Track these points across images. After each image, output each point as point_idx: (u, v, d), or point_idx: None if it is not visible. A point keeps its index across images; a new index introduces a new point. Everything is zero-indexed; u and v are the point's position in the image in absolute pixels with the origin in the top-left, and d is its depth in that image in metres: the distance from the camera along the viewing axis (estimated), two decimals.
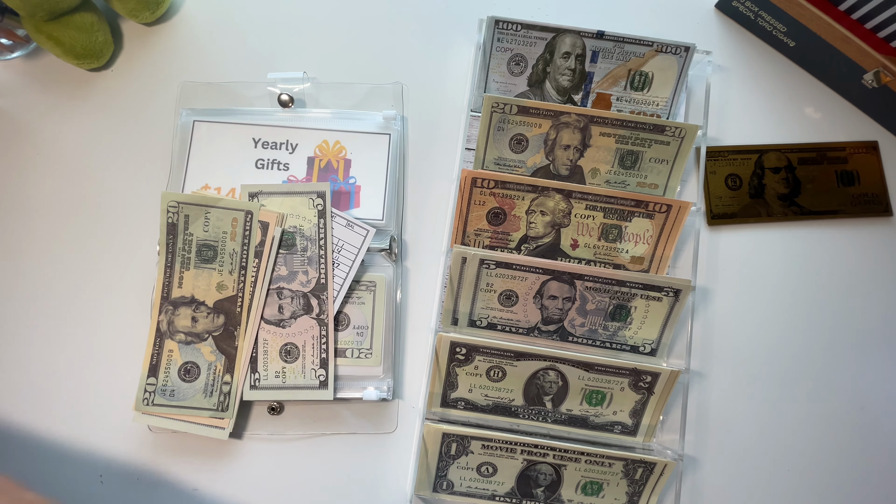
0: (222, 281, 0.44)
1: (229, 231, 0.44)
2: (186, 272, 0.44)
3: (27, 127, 0.50)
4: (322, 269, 0.44)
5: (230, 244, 0.44)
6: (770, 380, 0.48)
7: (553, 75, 0.46)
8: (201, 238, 0.44)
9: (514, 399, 0.45)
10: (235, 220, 0.44)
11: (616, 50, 0.46)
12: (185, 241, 0.43)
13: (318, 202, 0.44)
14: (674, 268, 0.48)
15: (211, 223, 0.44)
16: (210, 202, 0.43)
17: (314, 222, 0.44)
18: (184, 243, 0.43)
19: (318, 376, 0.44)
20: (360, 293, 0.45)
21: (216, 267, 0.44)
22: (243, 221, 0.44)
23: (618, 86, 0.47)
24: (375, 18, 0.52)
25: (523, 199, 0.45)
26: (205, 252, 0.44)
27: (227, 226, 0.44)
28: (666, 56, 0.46)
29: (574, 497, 0.44)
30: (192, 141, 0.47)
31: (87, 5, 0.48)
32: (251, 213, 0.44)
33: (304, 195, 0.44)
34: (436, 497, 0.45)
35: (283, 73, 0.49)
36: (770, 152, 0.50)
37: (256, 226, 0.44)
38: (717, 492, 0.46)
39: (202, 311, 0.43)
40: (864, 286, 0.49)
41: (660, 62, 0.47)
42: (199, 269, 0.44)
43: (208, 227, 0.44)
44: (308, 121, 0.48)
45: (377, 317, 0.45)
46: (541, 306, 0.45)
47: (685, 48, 0.46)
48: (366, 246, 0.44)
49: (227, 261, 0.44)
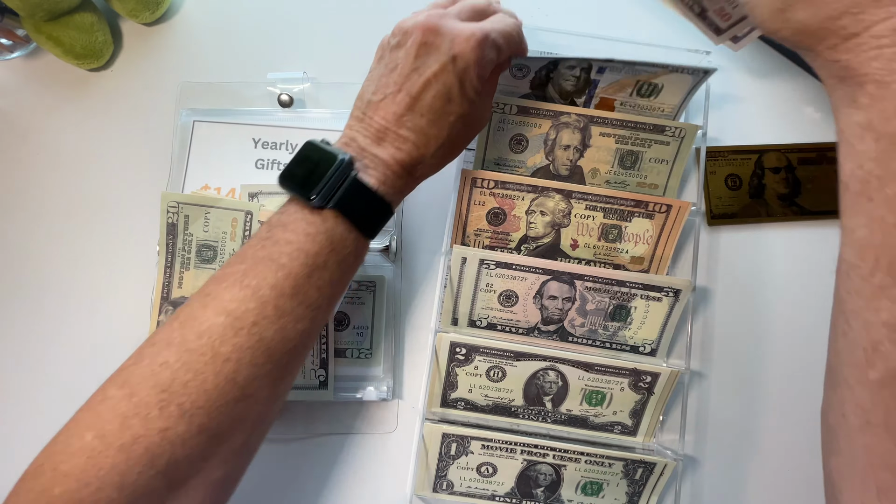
0: None
1: (229, 231, 0.44)
2: (187, 272, 0.44)
3: (27, 127, 0.50)
4: None
5: (230, 244, 0.44)
6: (770, 380, 0.48)
7: (556, 80, 0.46)
8: (201, 238, 0.44)
9: (514, 399, 0.45)
10: (235, 220, 0.44)
11: (625, 68, 0.43)
12: (185, 241, 0.43)
13: None
14: (674, 268, 0.48)
15: (211, 223, 0.44)
16: (210, 202, 0.44)
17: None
18: (184, 243, 0.43)
19: (317, 376, 0.44)
20: (360, 293, 0.45)
21: (216, 267, 0.44)
22: (243, 221, 0.44)
23: (623, 92, 0.46)
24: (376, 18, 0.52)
25: (523, 199, 0.45)
26: (205, 252, 0.44)
27: (227, 226, 0.44)
28: (681, 75, 0.44)
29: (574, 497, 0.44)
30: (191, 141, 0.47)
31: (87, 5, 0.48)
32: (251, 213, 0.44)
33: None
34: (436, 497, 0.45)
35: (283, 73, 0.49)
36: (770, 152, 0.50)
37: (257, 226, 0.44)
38: (717, 492, 0.46)
39: None
40: None
41: (673, 78, 0.44)
42: (200, 270, 0.44)
43: (208, 228, 0.44)
44: (308, 121, 0.48)
45: (377, 317, 0.45)
46: (541, 306, 0.45)
47: (704, 71, 0.43)
48: None
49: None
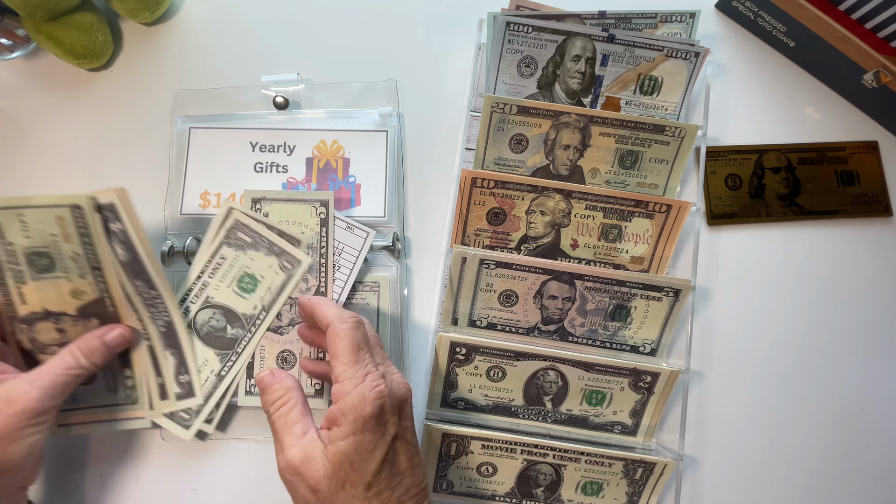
0: (75, 287, 0.38)
1: (59, 232, 0.37)
2: (24, 286, 0.38)
3: (27, 127, 0.50)
4: (322, 278, 0.43)
5: (66, 247, 0.37)
6: (770, 380, 0.48)
7: (563, 78, 0.46)
8: (26, 246, 0.37)
9: (514, 399, 0.45)
10: (61, 218, 0.37)
11: (626, 54, 0.46)
12: (7, 252, 0.37)
13: (320, 210, 0.43)
14: (674, 268, 0.48)
15: (31, 227, 0.37)
16: (19, 203, 0.36)
17: (315, 230, 0.43)
18: (7, 256, 0.37)
19: (313, 384, 0.44)
20: (364, 294, 0.45)
21: (60, 275, 0.38)
22: (72, 219, 0.37)
23: (627, 90, 0.47)
24: (375, 19, 0.52)
25: (523, 199, 0.45)
26: (38, 261, 0.37)
27: (52, 227, 0.37)
28: (676, 61, 0.46)
29: (574, 497, 0.44)
30: (189, 148, 0.47)
31: (87, 5, 0.48)
32: (78, 206, 0.37)
33: (307, 203, 0.43)
34: (436, 497, 0.45)
35: (277, 76, 0.48)
36: (770, 152, 0.50)
37: (94, 217, 0.37)
38: (717, 492, 0.46)
39: (67, 322, 0.39)
40: (864, 286, 0.49)
41: (670, 67, 0.46)
42: (40, 282, 0.38)
43: (29, 232, 0.37)
44: (304, 122, 0.48)
45: (382, 317, 0.45)
46: (541, 306, 0.45)
47: (695, 53, 0.46)
48: (366, 248, 0.44)
49: (73, 266, 0.38)
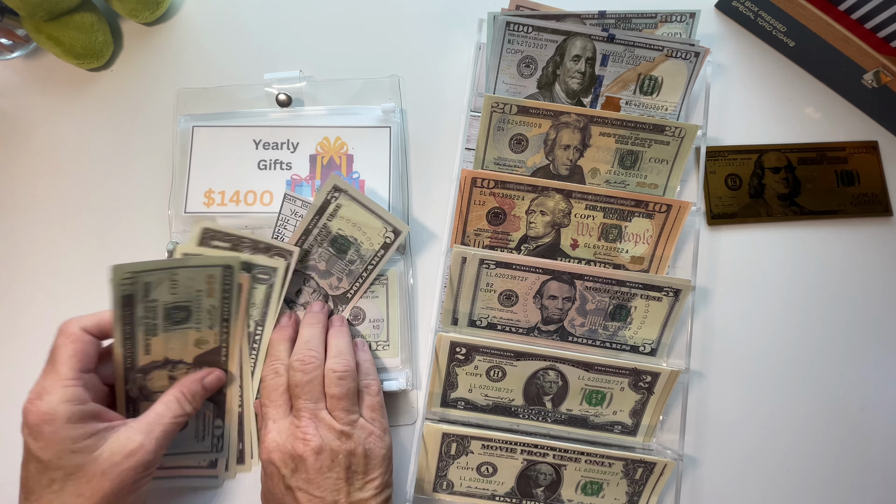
0: (201, 337, 0.40)
1: (205, 289, 0.39)
2: (154, 338, 0.39)
3: (27, 127, 0.50)
4: (356, 286, 0.44)
5: (207, 301, 0.40)
6: (770, 380, 0.48)
7: (563, 78, 0.46)
8: (169, 302, 0.38)
9: (514, 399, 0.45)
10: (212, 277, 0.39)
11: (626, 54, 0.46)
12: (147, 308, 0.38)
13: (388, 236, 0.43)
14: (674, 268, 0.48)
15: (180, 284, 0.38)
16: (175, 265, 0.38)
17: (374, 249, 0.44)
18: (146, 311, 0.38)
19: None
20: (374, 287, 0.45)
21: (192, 326, 0.40)
22: (221, 278, 0.40)
23: (627, 90, 0.47)
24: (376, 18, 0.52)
25: (523, 199, 0.45)
26: (176, 315, 0.39)
27: (201, 284, 0.39)
28: (676, 61, 0.46)
29: (574, 497, 0.44)
30: (192, 147, 0.47)
31: (87, 5, 0.48)
32: (230, 267, 0.40)
33: (383, 221, 0.43)
34: (436, 497, 0.45)
35: (279, 73, 0.49)
36: (770, 152, 0.50)
37: (237, 279, 0.40)
38: (717, 492, 0.46)
39: (181, 369, 0.41)
40: (864, 286, 0.49)
41: (669, 67, 0.46)
42: (171, 333, 0.39)
43: (177, 290, 0.38)
44: (307, 119, 0.48)
45: (391, 309, 0.45)
46: (541, 306, 0.45)
47: (695, 53, 0.46)
48: (390, 253, 0.44)
49: (206, 318, 0.40)
